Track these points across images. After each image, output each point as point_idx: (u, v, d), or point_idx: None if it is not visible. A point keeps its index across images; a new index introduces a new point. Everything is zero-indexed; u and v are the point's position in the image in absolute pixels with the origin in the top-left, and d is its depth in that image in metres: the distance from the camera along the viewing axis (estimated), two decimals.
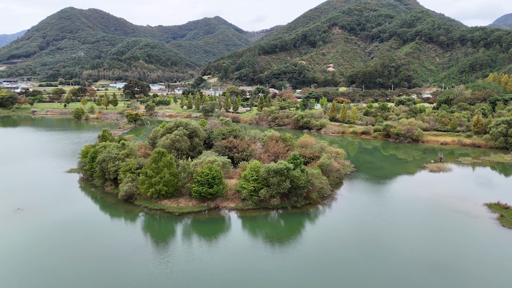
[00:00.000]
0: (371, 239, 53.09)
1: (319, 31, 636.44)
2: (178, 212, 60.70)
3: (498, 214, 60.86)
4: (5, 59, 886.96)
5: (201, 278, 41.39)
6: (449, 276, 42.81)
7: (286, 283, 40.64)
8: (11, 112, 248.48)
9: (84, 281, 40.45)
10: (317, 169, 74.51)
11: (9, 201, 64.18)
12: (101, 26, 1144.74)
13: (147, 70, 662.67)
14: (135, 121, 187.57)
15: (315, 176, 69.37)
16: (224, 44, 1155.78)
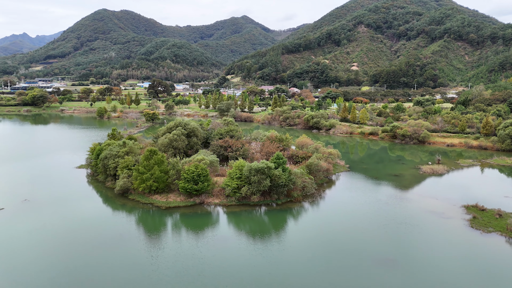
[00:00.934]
0: (338, 236, 56.21)
1: (344, 29, 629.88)
2: (165, 206, 66.01)
3: (471, 216, 62.24)
4: (42, 59, 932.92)
5: (179, 262, 46.24)
6: (398, 271, 45.53)
7: (268, 273, 44.76)
8: (42, 111, 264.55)
9: (67, 263, 46.22)
10: (302, 169, 78.00)
11: (18, 192, 71.76)
12: (132, 27, 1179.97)
13: (173, 69, 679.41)
14: (153, 120, 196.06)
15: (298, 175, 72.85)
16: (251, 43, 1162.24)
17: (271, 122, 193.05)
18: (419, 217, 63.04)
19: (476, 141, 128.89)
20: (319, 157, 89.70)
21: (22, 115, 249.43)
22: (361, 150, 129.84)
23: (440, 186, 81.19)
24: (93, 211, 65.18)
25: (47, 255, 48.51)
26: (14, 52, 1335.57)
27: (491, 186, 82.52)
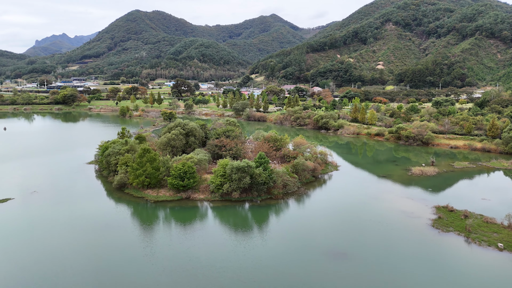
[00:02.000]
0: (305, 232, 60.60)
1: (371, 27, 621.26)
2: (153, 200, 72.78)
3: (437, 216, 64.91)
4: (78, 59, 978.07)
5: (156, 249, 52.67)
6: (347, 263, 49.68)
7: (245, 259, 50.49)
8: (72, 109, 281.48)
9: (56, 246, 53.65)
10: (286, 169, 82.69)
11: (29, 184, 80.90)
12: (163, 27, 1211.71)
13: (200, 69, 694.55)
14: (170, 119, 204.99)
15: (279, 174, 77.62)
16: (278, 42, 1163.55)
17: (283, 122, 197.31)
18: (388, 216, 66.32)
19: (480, 143, 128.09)
20: (309, 157, 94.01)
21: (54, 113, 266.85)
22: (362, 151, 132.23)
23: (422, 187, 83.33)
24: (91, 202, 72.82)
25: (45, 238, 56.15)
26: (54, 52, 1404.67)
27: (473, 188, 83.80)
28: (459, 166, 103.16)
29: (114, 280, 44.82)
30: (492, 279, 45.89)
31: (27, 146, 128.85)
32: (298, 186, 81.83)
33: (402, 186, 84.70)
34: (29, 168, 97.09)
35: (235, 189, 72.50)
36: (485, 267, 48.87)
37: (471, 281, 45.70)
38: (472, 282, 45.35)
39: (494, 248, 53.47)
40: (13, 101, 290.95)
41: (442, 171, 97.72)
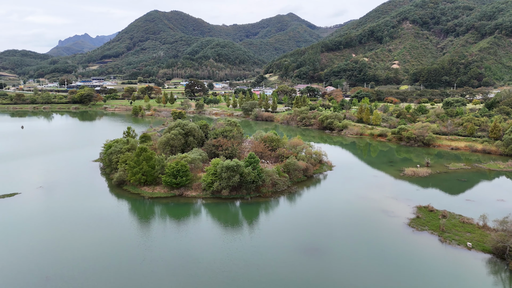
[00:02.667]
0: (286, 228, 63.86)
1: (388, 26, 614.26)
2: (148, 196, 77.30)
3: (415, 216, 67.03)
4: (98, 59, 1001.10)
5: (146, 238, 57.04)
6: (317, 257, 52.71)
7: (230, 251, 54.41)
8: (88, 108, 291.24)
9: (55, 236, 58.61)
10: (277, 168, 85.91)
11: (36, 180, 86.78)
12: (181, 26, 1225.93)
13: (216, 68, 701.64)
14: (179, 118, 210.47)
15: (268, 174, 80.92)
16: (295, 41, 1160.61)
17: (289, 122, 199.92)
18: (368, 214, 68.82)
19: (481, 145, 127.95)
20: (302, 157, 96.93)
21: (71, 112, 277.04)
22: (360, 151, 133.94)
23: (409, 188, 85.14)
24: (91, 197, 77.86)
25: (43, 230, 61.26)
26: (76, 52, 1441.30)
27: (460, 189, 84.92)
28: (454, 167, 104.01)
29: (107, 267, 49.19)
30: (454, 276, 48.10)
31: (40, 144, 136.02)
32: (288, 185, 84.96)
33: (391, 186, 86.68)
34: (38, 165, 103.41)
35: (224, 187, 76.23)
36: (450, 265, 50.99)
37: (433, 277, 47.96)
38: (434, 278, 47.63)
39: (463, 247, 55.47)
40: (33, 100, 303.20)
41: (435, 172, 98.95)
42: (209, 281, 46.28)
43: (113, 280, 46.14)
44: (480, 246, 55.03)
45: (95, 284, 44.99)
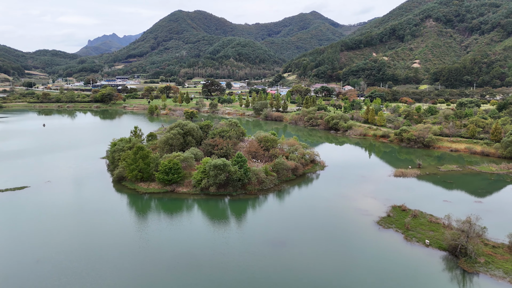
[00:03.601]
0: (259, 224, 68.78)
1: (410, 24, 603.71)
2: (142, 192, 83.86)
3: (386, 214, 70.43)
4: (124, 58, 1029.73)
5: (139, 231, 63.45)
6: (282, 250, 57.38)
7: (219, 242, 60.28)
8: (108, 107, 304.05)
9: (54, 226, 65.82)
10: (264, 167, 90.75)
11: (45, 175, 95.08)
12: (204, 26, 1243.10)
13: (236, 68, 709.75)
14: (191, 118, 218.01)
15: (255, 172, 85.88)
16: (317, 39, 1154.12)
17: (297, 122, 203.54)
18: (343, 212, 72.73)
19: (480, 147, 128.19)
20: (293, 157, 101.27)
21: (93, 110, 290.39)
22: (358, 152, 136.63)
23: (391, 188, 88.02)
24: (91, 192, 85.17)
25: (46, 219, 68.68)
26: (104, 51, 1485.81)
27: (441, 190, 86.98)
28: (445, 169, 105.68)
29: (99, 254, 55.68)
30: (407, 270, 51.67)
31: (55, 142, 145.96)
32: (276, 183, 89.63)
33: (374, 186, 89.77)
34: (50, 161, 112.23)
35: (212, 184, 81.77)
36: (405, 260, 54.48)
37: (387, 271, 51.66)
38: (388, 272, 51.33)
39: (421, 244, 58.78)
40: (58, 99, 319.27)
41: (425, 173, 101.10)
42: (176, 264, 51.85)
43: (107, 266, 52.40)
44: (437, 244, 58.20)
45: (83, 268, 51.39)
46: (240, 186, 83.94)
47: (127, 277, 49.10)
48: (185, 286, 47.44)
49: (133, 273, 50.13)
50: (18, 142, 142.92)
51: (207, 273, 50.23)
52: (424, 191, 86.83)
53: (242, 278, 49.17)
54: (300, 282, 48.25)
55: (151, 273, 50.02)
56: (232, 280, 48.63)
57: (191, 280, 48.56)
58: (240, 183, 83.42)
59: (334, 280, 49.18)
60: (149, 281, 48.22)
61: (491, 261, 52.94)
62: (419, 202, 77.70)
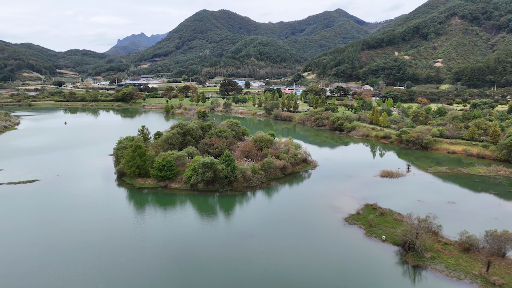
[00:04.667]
0: (235, 218, 74.96)
1: (434, 22, 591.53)
2: (137, 186, 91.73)
3: (355, 212, 74.98)
4: (149, 57, 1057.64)
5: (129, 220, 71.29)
6: (250, 241, 63.34)
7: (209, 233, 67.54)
8: (129, 106, 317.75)
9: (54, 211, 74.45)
10: (253, 166, 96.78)
11: (55, 170, 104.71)
12: (228, 25, 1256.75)
13: (257, 67, 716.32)
14: (203, 117, 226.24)
15: (242, 171, 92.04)
16: (341, 38, 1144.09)
17: (305, 123, 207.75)
18: (316, 209, 77.75)
19: (476, 149, 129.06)
20: (284, 157, 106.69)
21: (115, 109, 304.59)
22: (355, 152, 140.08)
23: (371, 187, 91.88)
24: (94, 185, 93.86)
25: (48, 209, 77.52)
26: (132, 51, 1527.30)
27: (418, 191, 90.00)
28: (434, 170, 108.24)
29: (93, 240, 63.61)
30: (360, 263, 56.49)
31: (72, 139, 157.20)
32: (263, 181, 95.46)
33: (356, 186, 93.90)
34: (63, 157, 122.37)
35: (200, 181, 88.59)
36: (360, 253, 59.20)
37: (342, 262, 56.71)
38: (343, 264, 56.40)
39: (378, 240, 63.31)
40: (82, 98, 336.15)
41: (413, 174, 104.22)
42: (156, 252, 58.87)
43: (102, 251, 60.14)
44: (392, 240, 62.56)
45: (76, 251, 59.29)
46: (227, 183, 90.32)
47: (118, 255, 56.48)
48: (150, 265, 54.26)
49: (123, 255, 57.47)
50: (38, 139, 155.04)
51: (179, 260, 56.95)
52: (402, 191, 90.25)
53: (206, 264, 55.47)
54: (258, 272, 54.04)
55: (135, 256, 57.28)
56: (198, 266, 55.07)
57: (158, 262, 55.38)
58: (226, 180, 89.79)
59: (290, 270, 54.52)
60: (133, 260, 55.44)
61: (437, 256, 56.96)
62: (393, 201, 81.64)
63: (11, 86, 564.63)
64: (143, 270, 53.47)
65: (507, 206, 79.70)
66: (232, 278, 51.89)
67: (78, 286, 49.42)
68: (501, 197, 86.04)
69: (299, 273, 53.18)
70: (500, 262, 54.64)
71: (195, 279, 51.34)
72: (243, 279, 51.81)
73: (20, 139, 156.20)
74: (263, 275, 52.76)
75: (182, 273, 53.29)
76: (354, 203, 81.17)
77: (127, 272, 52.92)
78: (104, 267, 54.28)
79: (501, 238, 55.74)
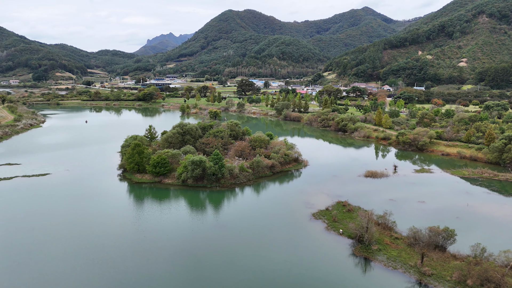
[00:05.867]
0: (213, 211, 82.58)
1: (461, 20, 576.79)
2: (136, 181, 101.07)
3: (325, 208, 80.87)
4: (175, 57, 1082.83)
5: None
6: (222, 230, 70.79)
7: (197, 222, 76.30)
8: (149, 105, 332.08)
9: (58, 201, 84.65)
10: (241, 164, 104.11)
11: (65, 165, 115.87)
12: (253, 25, 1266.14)
13: (278, 66, 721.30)
14: (215, 117, 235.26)
15: (229, 168, 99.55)
16: (367, 36, 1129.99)
17: (312, 123, 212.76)
18: (291, 205, 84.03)
19: (469, 151, 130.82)
20: (273, 156, 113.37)
21: (136, 108, 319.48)
22: (350, 153, 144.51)
23: (350, 186, 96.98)
24: (98, 179, 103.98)
25: (52, 199, 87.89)
26: (160, 50, 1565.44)
27: (393, 190, 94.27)
28: (419, 171, 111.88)
29: (90, 225, 73.15)
30: (316, 252, 62.75)
31: (89, 137, 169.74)
32: (250, 178, 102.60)
33: (337, 184, 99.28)
34: (75, 154, 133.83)
35: (189, 177, 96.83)
36: (317, 244, 65.37)
37: (300, 251, 63.20)
38: (300, 252, 62.88)
39: (336, 233, 69.21)
40: (106, 97, 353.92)
41: (394, 175, 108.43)
42: (138, 238, 67.40)
43: (99, 235, 69.51)
44: (347, 233, 68.31)
45: (68, 234, 68.76)
46: (215, 179, 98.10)
47: (107, 240, 65.46)
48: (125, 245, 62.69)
49: (115, 241, 66.44)
50: (58, 137, 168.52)
51: (152, 245, 65.28)
52: (378, 190, 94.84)
53: (181, 249, 63.36)
54: (221, 259, 61.45)
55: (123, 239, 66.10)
56: (173, 250, 63.08)
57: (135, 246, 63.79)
58: (214, 177, 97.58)
59: (248, 258, 61.53)
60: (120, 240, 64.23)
61: (383, 249, 62.41)
62: (366, 199, 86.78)
63: (45, 85, 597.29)
64: (141, 257, 62.08)
65: (474, 207, 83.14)
66: (189, 260, 59.55)
67: (72, 260, 58.52)
68: (473, 198, 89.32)
69: (255, 261, 60.05)
70: (440, 256, 59.45)
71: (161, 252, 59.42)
72: (199, 261, 59.29)
73: (42, 137, 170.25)
74: (221, 257, 60.11)
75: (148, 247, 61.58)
76: (328, 200, 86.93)
77: (121, 255, 61.68)
78: (94, 245, 63.27)
79: (442, 234, 60.59)
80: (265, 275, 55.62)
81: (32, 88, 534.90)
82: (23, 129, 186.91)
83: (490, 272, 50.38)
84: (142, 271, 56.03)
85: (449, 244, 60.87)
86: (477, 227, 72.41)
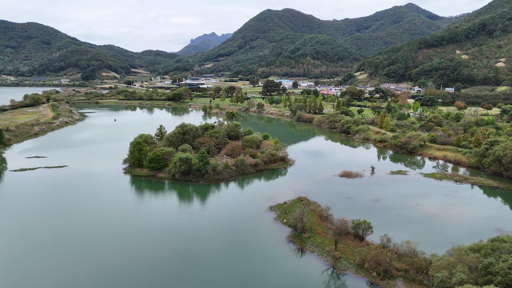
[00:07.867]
0: (185, 201, 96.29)
1: (503, 18, 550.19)
2: (134, 174, 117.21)
3: (283, 202, 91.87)
4: (214, 57, 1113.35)
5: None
6: (185, 219, 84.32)
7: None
8: (177, 105, 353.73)
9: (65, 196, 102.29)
10: (226, 162, 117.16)
11: (80, 159, 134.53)
12: (291, 24, 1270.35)
13: (312, 66, 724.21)
14: (232, 117, 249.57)
15: (213, 165, 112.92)
16: (409, 34, 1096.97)
17: (321, 125, 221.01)
18: (256, 198, 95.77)
19: (453, 155, 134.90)
20: (259, 156, 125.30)
21: (166, 107, 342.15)
22: (341, 154, 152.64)
23: (320, 185, 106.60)
24: (105, 171, 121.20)
25: (62, 186, 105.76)
26: (202, 50, 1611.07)
27: (356, 189, 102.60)
28: (393, 174, 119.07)
29: (94, 209, 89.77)
30: (259, 239, 74.58)
31: (113, 134, 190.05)
32: (233, 175, 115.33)
33: (309, 183, 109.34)
34: (93, 149, 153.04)
35: (177, 172, 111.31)
36: (261, 232, 77.05)
37: (246, 238, 75.30)
38: (246, 239, 75.01)
39: (281, 223, 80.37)
40: (140, 97, 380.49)
41: (368, 175, 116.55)
42: (113, 221, 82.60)
43: (101, 216, 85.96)
44: (289, 223, 79.24)
45: (68, 214, 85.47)
46: (199, 175, 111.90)
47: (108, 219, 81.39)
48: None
49: (112, 226, 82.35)
50: (85, 134, 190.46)
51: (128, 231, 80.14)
52: (343, 189, 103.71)
53: (147, 235, 77.72)
54: (171, 239, 75.02)
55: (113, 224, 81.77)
56: (137, 233, 77.56)
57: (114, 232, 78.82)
58: (199, 172, 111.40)
59: (199, 242, 74.52)
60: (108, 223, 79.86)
61: (312, 236, 72.89)
62: (327, 196, 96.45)
63: (91, 85, 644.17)
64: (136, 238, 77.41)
65: (422, 206, 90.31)
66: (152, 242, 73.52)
67: (73, 233, 74.73)
68: (427, 198, 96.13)
69: (203, 245, 72.90)
70: (357, 244, 68.97)
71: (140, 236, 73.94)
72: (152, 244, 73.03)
73: (73, 134, 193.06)
74: (175, 242, 73.61)
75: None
76: (291, 195, 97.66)
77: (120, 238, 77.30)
78: (90, 225, 79.26)
79: (362, 225, 70.20)
80: (202, 256, 68.39)
81: (79, 87, 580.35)
82: (59, 126, 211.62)
83: (380, 257, 59.88)
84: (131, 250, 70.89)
85: (366, 234, 70.28)
86: (410, 223, 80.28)
